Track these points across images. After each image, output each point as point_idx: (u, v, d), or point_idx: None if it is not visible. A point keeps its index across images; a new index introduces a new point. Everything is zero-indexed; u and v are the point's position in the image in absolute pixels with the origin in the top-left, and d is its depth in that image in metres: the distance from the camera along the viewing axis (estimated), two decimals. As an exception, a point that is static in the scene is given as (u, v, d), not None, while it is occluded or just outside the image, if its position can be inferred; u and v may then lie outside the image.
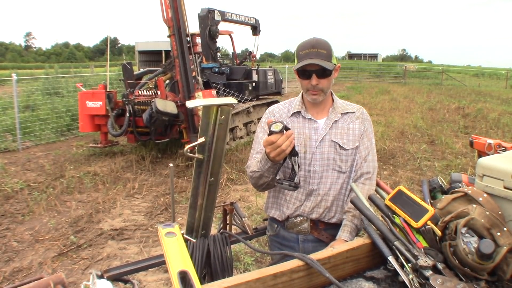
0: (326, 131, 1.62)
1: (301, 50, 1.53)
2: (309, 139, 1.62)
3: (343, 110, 1.67)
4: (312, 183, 1.63)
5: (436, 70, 37.02)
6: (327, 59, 1.50)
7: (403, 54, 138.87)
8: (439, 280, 1.01)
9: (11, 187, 5.41)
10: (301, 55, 1.52)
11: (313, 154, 1.62)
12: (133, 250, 3.82)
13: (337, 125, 1.63)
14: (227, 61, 10.60)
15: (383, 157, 7.06)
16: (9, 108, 9.99)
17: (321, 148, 1.61)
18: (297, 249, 1.67)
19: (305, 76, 1.54)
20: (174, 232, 1.16)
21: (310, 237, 1.68)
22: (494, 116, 11.80)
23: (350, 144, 1.62)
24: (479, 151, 1.78)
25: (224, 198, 5.02)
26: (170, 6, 5.90)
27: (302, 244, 1.69)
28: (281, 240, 1.73)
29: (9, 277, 3.32)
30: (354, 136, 1.63)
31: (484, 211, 1.12)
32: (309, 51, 1.50)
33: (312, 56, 1.49)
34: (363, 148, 1.65)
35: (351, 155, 1.63)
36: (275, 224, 1.75)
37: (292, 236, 1.70)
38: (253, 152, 1.71)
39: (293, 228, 1.69)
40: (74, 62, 59.56)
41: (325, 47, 1.51)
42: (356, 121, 1.66)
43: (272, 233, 1.77)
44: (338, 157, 1.62)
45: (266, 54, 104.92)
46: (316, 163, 1.62)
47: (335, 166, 1.62)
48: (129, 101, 6.51)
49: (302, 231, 1.68)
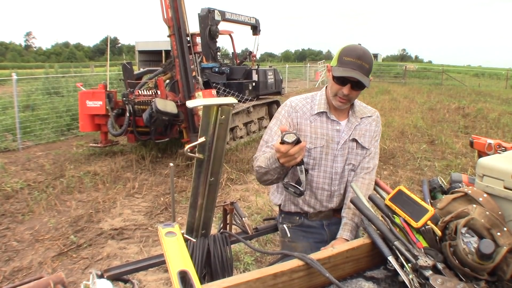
0: (349, 134, 1.66)
1: (345, 56, 1.52)
2: (332, 141, 1.65)
3: (362, 114, 1.72)
4: (333, 184, 1.68)
5: (436, 70, 36.98)
6: (367, 74, 1.52)
7: (403, 54, 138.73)
8: (439, 280, 1.01)
9: (11, 186, 5.41)
10: (344, 62, 1.51)
11: (335, 157, 1.66)
12: (133, 249, 3.82)
13: (357, 128, 1.69)
14: (227, 61, 10.60)
15: (383, 157, 7.06)
16: (9, 108, 9.99)
17: (342, 150, 1.66)
18: (324, 234, 1.75)
19: (339, 82, 1.54)
20: (174, 231, 1.16)
21: (334, 219, 1.75)
22: (494, 116, 11.79)
23: (366, 144, 1.69)
24: (479, 151, 1.78)
25: (224, 198, 5.02)
26: (170, 6, 5.90)
27: (328, 228, 1.76)
28: (306, 228, 1.77)
29: (9, 276, 3.32)
30: (370, 137, 1.71)
31: (484, 211, 1.12)
32: (354, 61, 1.49)
33: (355, 67, 1.49)
34: (372, 146, 1.72)
35: (364, 154, 1.70)
36: (296, 216, 1.78)
37: (317, 223, 1.76)
38: (263, 143, 1.69)
39: (318, 216, 1.75)
40: (74, 62, 59.55)
41: (369, 61, 1.51)
42: (373, 123, 1.73)
43: (294, 224, 1.78)
44: (354, 156, 1.68)
45: (266, 54, 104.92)
46: (338, 165, 1.66)
47: (349, 165, 1.69)
48: (129, 101, 6.51)
49: (326, 217, 1.75)
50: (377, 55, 79.92)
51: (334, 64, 1.56)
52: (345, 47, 1.56)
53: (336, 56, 1.56)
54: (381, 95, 18.20)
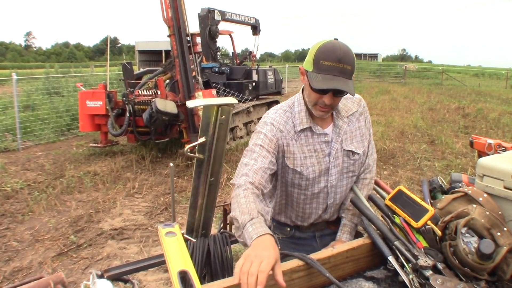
0: (338, 141, 1.48)
1: (323, 59, 1.27)
2: (322, 155, 1.46)
3: (348, 111, 1.52)
4: (329, 197, 1.54)
5: (436, 70, 36.97)
6: (350, 76, 1.30)
7: (403, 54, 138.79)
8: (439, 280, 1.01)
9: (11, 186, 5.41)
10: (323, 67, 1.27)
11: (328, 170, 1.49)
12: (133, 249, 3.82)
13: (345, 130, 1.50)
14: (227, 61, 10.60)
15: (383, 157, 7.06)
16: (9, 108, 9.98)
17: (336, 161, 1.49)
18: (316, 246, 1.62)
19: (320, 91, 1.32)
20: (174, 232, 1.16)
21: (327, 231, 1.65)
22: (494, 116, 11.79)
23: (361, 146, 1.53)
24: (479, 151, 1.78)
25: (224, 198, 5.01)
26: (170, 6, 5.90)
27: (320, 239, 1.65)
28: (297, 240, 1.65)
29: (9, 276, 3.32)
30: (362, 135, 1.54)
31: (484, 211, 1.12)
32: (334, 65, 1.26)
33: (336, 73, 1.26)
34: (365, 141, 1.61)
35: (362, 156, 1.56)
36: (287, 228, 1.65)
37: (309, 234, 1.65)
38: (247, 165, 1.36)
39: (310, 228, 1.63)
40: (74, 62, 59.50)
41: (351, 62, 1.29)
42: (360, 118, 1.55)
43: (284, 235, 1.67)
44: (351, 164, 1.53)
45: (266, 54, 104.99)
46: (333, 178, 1.50)
47: (348, 172, 1.54)
48: (129, 101, 6.51)
49: (319, 229, 1.64)
50: (377, 55, 79.92)
51: (309, 69, 1.32)
52: (320, 47, 1.29)
53: (311, 58, 1.31)
54: (381, 95, 18.20)
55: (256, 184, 1.29)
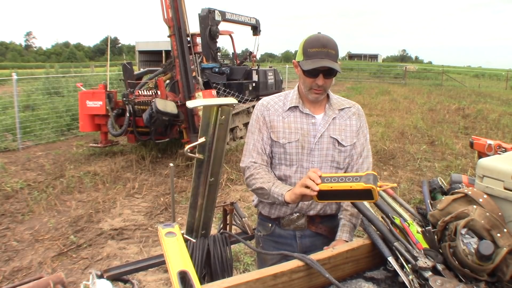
0: (325, 127, 1.59)
1: (310, 47, 1.49)
2: (307, 134, 1.59)
3: (340, 106, 1.65)
4: None
5: (436, 70, 36.98)
6: (335, 59, 1.49)
7: (403, 55, 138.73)
8: (439, 281, 1.01)
9: (11, 186, 5.41)
10: (310, 53, 1.48)
11: (311, 151, 1.59)
12: (133, 250, 3.82)
13: (335, 121, 1.61)
14: (227, 61, 10.61)
15: (383, 157, 7.06)
16: (9, 108, 9.99)
17: (319, 145, 1.59)
18: (295, 246, 1.65)
19: (311, 75, 1.51)
20: (174, 232, 1.16)
21: (307, 232, 1.66)
22: (494, 117, 11.80)
23: (348, 140, 1.61)
24: (479, 152, 1.78)
25: (224, 198, 5.01)
26: (170, 6, 5.90)
27: (300, 240, 1.67)
28: (277, 238, 1.69)
29: (9, 276, 3.32)
30: (352, 132, 1.63)
31: (484, 212, 1.12)
32: (320, 50, 1.47)
33: (322, 56, 1.47)
34: (359, 144, 1.65)
35: (349, 151, 1.63)
36: (269, 223, 1.71)
37: (289, 233, 1.67)
38: (250, 150, 1.63)
39: (290, 225, 1.66)
40: (74, 62, 59.57)
41: (334, 47, 1.49)
42: (353, 117, 1.65)
43: (265, 232, 1.72)
44: (336, 153, 1.61)
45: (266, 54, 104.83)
46: (314, 159, 1.59)
47: (333, 162, 1.61)
48: (129, 101, 6.51)
49: (299, 227, 1.66)
50: (377, 56, 79.90)
51: (300, 59, 1.52)
52: (307, 39, 1.52)
53: (300, 50, 1.53)
54: (381, 95, 18.21)
55: (260, 162, 1.62)
